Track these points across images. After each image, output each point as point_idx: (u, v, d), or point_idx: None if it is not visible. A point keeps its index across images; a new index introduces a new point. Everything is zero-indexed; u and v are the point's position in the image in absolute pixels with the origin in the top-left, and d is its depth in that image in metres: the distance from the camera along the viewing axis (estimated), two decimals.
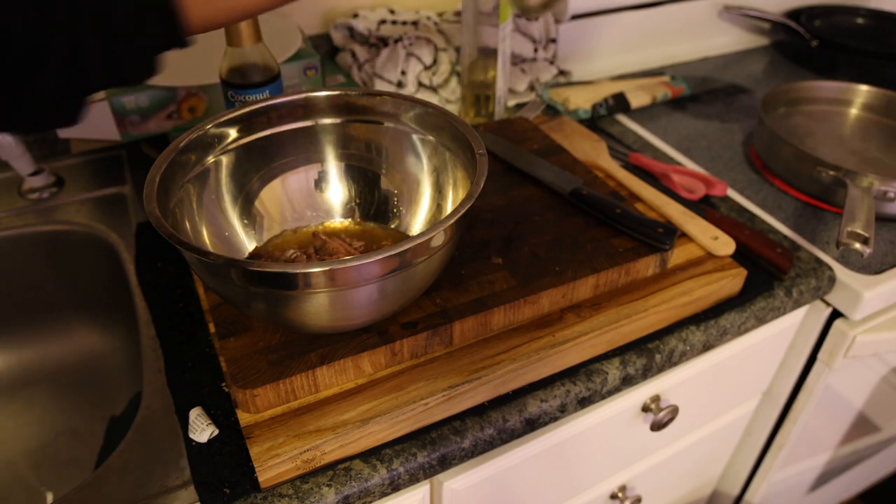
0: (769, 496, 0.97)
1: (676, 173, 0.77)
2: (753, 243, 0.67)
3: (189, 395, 0.52)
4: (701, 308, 0.62)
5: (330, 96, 0.58)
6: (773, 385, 0.83)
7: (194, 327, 0.58)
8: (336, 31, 0.96)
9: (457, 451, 0.51)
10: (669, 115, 0.94)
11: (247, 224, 0.58)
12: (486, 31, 0.79)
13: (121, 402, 0.73)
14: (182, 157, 0.51)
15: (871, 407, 0.94)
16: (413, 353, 0.52)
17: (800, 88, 0.91)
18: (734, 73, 1.08)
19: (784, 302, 0.65)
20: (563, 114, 0.90)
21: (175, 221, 0.49)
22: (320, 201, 0.61)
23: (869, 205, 0.66)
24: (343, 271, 0.41)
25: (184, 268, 0.64)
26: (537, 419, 0.54)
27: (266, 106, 0.56)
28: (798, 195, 0.78)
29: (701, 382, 0.71)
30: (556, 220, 0.63)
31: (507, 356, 0.53)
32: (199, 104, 0.74)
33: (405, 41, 0.89)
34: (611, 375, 0.56)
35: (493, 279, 0.56)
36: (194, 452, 0.48)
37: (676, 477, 0.87)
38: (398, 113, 0.58)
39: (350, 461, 0.48)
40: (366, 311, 0.46)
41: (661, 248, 0.60)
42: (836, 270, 0.68)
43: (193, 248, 0.42)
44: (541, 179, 0.67)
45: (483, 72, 0.82)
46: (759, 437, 0.88)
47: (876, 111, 0.90)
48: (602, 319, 0.57)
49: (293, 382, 0.48)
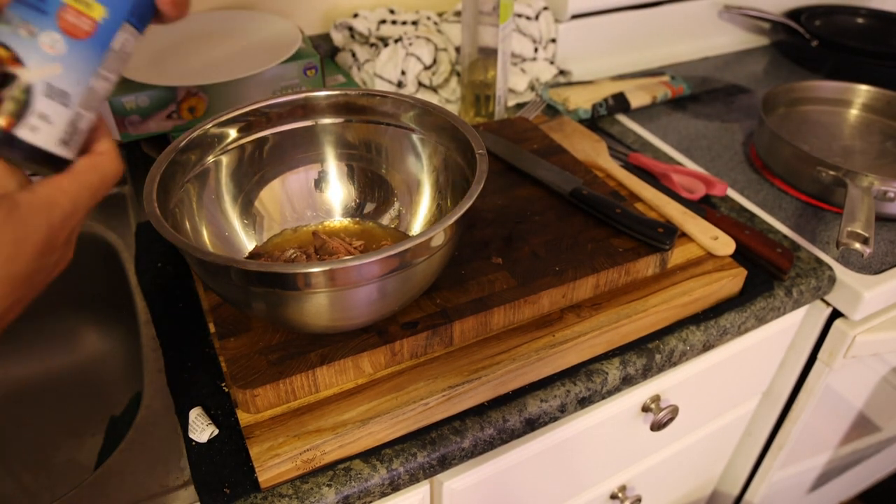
0: (769, 496, 0.97)
1: (676, 173, 0.77)
2: (753, 243, 0.67)
3: (189, 395, 0.52)
4: (701, 308, 0.62)
5: (330, 96, 0.58)
6: (773, 385, 0.83)
7: (194, 327, 0.58)
8: (336, 31, 0.96)
9: (457, 451, 0.51)
10: (669, 115, 0.94)
11: (247, 224, 0.58)
12: (486, 30, 0.79)
13: (121, 402, 0.73)
14: (182, 157, 0.51)
15: (871, 407, 0.94)
16: (413, 353, 0.52)
17: (800, 88, 0.91)
18: (734, 73, 1.08)
19: (784, 302, 0.65)
20: (563, 114, 0.90)
21: (175, 221, 0.49)
22: (320, 201, 0.61)
23: (869, 205, 0.66)
24: (343, 271, 0.41)
25: (184, 268, 0.64)
26: (537, 419, 0.54)
27: (266, 106, 0.56)
28: (798, 195, 0.78)
29: (701, 382, 0.71)
30: (556, 220, 0.63)
31: (507, 356, 0.53)
32: (199, 104, 0.74)
33: (405, 41, 0.89)
34: (611, 375, 0.56)
35: (493, 279, 0.56)
36: (194, 452, 0.48)
37: (676, 477, 0.87)
38: (398, 113, 0.58)
39: (350, 461, 0.48)
40: (366, 310, 0.46)
41: (661, 248, 0.60)
42: (836, 270, 0.68)
43: (193, 248, 0.42)
44: (541, 179, 0.67)
45: (483, 72, 0.82)
46: (759, 437, 0.88)
47: (876, 111, 0.90)
48: (602, 319, 0.57)
49: (293, 382, 0.48)
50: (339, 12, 0.98)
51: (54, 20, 0.27)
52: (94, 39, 0.29)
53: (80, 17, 0.28)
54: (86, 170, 0.31)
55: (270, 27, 0.85)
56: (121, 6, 0.29)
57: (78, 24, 0.28)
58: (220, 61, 0.77)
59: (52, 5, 0.27)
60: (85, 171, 0.31)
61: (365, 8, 0.98)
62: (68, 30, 0.28)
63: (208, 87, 0.74)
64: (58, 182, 0.30)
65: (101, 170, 0.31)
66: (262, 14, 0.87)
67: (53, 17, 0.27)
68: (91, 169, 0.31)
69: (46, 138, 0.29)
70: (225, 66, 0.75)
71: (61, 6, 0.27)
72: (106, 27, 0.29)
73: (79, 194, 0.30)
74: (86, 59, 0.29)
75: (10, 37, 0.27)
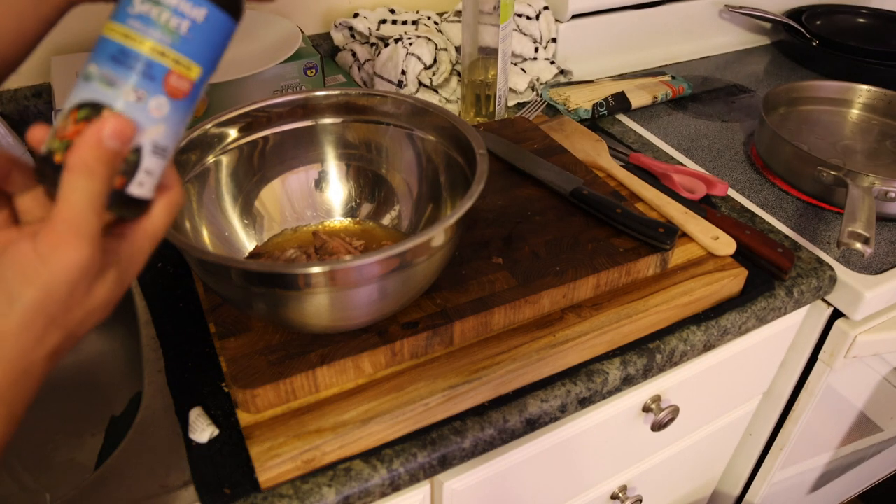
0: (770, 496, 0.96)
1: (677, 173, 0.77)
2: (754, 243, 0.67)
3: (189, 395, 0.52)
4: (702, 308, 0.62)
5: (330, 96, 0.58)
6: (774, 385, 0.83)
7: (194, 327, 0.58)
8: (336, 30, 0.96)
9: (457, 451, 0.51)
10: (670, 115, 0.94)
11: (247, 224, 0.58)
12: (487, 30, 0.79)
13: (121, 402, 0.73)
14: (182, 156, 0.51)
15: (871, 407, 0.94)
16: (413, 353, 0.52)
17: (801, 88, 0.91)
18: (735, 73, 1.08)
19: (785, 302, 0.65)
20: (564, 113, 0.90)
21: (175, 221, 0.49)
22: (320, 201, 0.61)
23: (870, 205, 0.66)
24: (343, 271, 0.41)
25: (184, 268, 0.64)
26: (538, 419, 0.54)
27: (266, 106, 0.56)
28: (799, 195, 0.77)
29: (702, 382, 0.71)
30: (557, 220, 0.63)
31: (507, 356, 0.53)
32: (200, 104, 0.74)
33: (405, 41, 0.89)
34: (611, 375, 0.56)
35: (494, 279, 0.56)
36: (194, 452, 0.48)
37: (677, 477, 0.87)
38: (398, 113, 0.58)
39: (350, 461, 0.48)
40: (366, 310, 0.46)
41: (661, 248, 0.60)
42: (836, 270, 0.68)
43: (193, 248, 0.42)
44: (541, 179, 0.67)
45: (483, 71, 0.82)
46: (759, 437, 0.88)
47: (877, 111, 0.90)
48: (603, 319, 0.57)
49: (293, 382, 0.48)
50: (339, 12, 0.98)
51: (161, 85, 0.29)
52: (191, 97, 0.31)
53: (182, 80, 0.30)
54: (163, 207, 0.33)
55: (270, 27, 0.85)
56: (211, 62, 0.31)
57: (179, 86, 0.30)
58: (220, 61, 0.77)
59: (159, 70, 0.29)
60: (163, 209, 0.33)
61: (365, 8, 0.98)
62: (172, 93, 0.30)
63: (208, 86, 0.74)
64: (145, 225, 0.32)
65: (174, 205, 0.33)
66: (262, 14, 0.87)
67: (161, 83, 0.29)
68: (167, 205, 0.33)
69: (149, 190, 0.31)
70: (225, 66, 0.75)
71: (167, 72, 0.29)
72: (199, 84, 0.31)
73: (157, 232, 0.33)
74: (182, 115, 0.31)
75: (119, 101, 0.29)
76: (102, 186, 0.28)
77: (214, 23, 0.30)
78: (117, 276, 0.31)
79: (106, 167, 0.28)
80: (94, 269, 0.29)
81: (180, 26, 0.29)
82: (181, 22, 0.29)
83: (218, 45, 0.31)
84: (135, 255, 0.32)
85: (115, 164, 0.29)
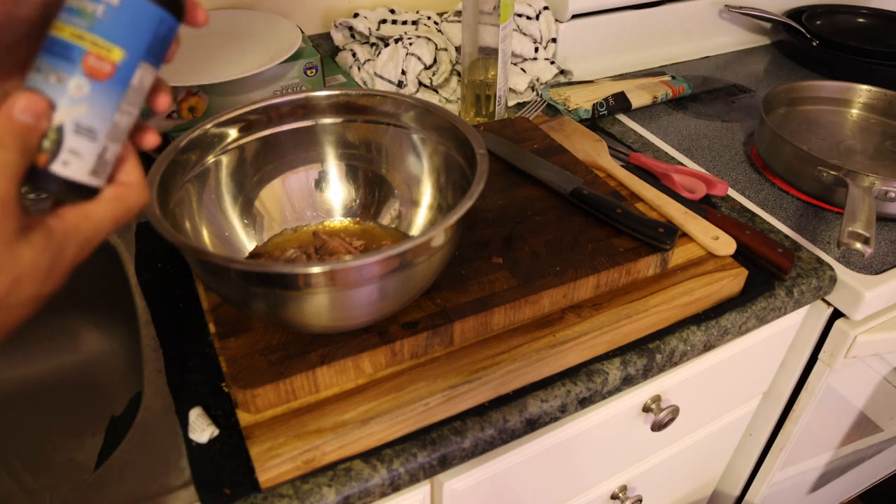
0: (770, 496, 0.96)
1: (677, 173, 0.77)
2: (754, 243, 0.67)
3: (189, 395, 0.52)
4: (702, 308, 0.62)
5: (330, 96, 0.58)
6: (774, 385, 0.83)
7: (194, 327, 0.58)
8: (336, 30, 0.96)
9: (457, 451, 0.51)
10: (670, 115, 0.94)
11: (247, 224, 0.58)
12: (487, 30, 0.79)
13: (121, 402, 0.73)
14: (182, 157, 0.51)
15: (871, 407, 0.94)
16: (413, 353, 0.52)
17: (801, 88, 0.91)
18: (735, 73, 1.08)
19: (785, 302, 0.65)
20: (564, 113, 0.90)
21: (175, 221, 0.49)
22: (320, 201, 0.61)
23: (870, 204, 0.66)
24: (343, 271, 0.41)
25: (184, 268, 0.64)
26: (538, 419, 0.54)
27: (266, 106, 0.56)
28: (799, 195, 0.77)
29: (702, 382, 0.71)
30: (557, 220, 0.63)
31: (507, 356, 0.53)
32: (199, 104, 0.74)
33: (405, 41, 0.89)
34: (611, 375, 0.56)
35: (494, 279, 0.56)
36: (194, 452, 0.48)
37: (677, 477, 0.87)
38: (398, 113, 0.58)
39: (350, 461, 0.48)
40: (366, 311, 0.46)
41: (661, 248, 0.60)
42: (837, 270, 0.68)
43: (193, 248, 0.42)
44: (541, 179, 0.67)
45: (483, 71, 0.82)
46: (759, 437, 0.88)
47: (876, 111, 0.90)
48: (603, 319, 0.57)
49: (293, 382, 0.48)
50: (339, 12, 0.98)
51: (79, 66, 0.31)
52: (115, 79, 0.32)
53: (101, 62, 0.31)
54: (110, 198, 0.34)
55: (270, 27, 0.85)
56: (137, 48, 0.32)
57: (99, 67, 0.31)
58: (220, 61, 0.77)
59: (76, 52, 0.31)
60: (109, 200, 0.33)
61: (365, 8, 0.98)
62: (91, 73, 0.31)
63: (208, 87, 0.74)
64: (84, 209, 0.33)
65: (125, 200, 0.34)
66: (263, 14, 0.87)
67: (78, 64, 0.31)
68: (115, 198, 0.34)
69: (77, 171, 0.32)
70: (225, 66, 0.75)
71: (85, 53, 0.31)
72: (124, 67, 0.32)
73: (101, 221, 0.33)
74: (108, 98, 0.32)
75: (44, 84, 0.31)
76: (14, 157, 0.29)
77: (132, 6, 0.32)
78: (45, 242, 0.31)
79: (15, 139, 0.29)
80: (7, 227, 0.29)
81: (96, 10, 0.31)
82: (97, 7, 0.31)
83: (144, 29, 0.32)
84: (69, 231, 0.32)
85: (28, 137, 0.30)
